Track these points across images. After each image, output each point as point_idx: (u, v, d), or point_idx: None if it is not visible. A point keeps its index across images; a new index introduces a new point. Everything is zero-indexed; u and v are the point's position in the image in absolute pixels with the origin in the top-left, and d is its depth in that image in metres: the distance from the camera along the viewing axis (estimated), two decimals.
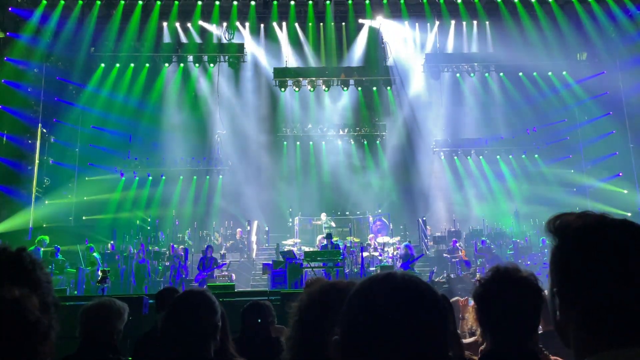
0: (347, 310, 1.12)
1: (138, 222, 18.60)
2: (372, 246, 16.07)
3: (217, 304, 2.39)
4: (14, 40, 17.35)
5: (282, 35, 20.70)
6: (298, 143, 21.40)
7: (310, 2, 19.78)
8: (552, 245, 1.20)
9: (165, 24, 19.92)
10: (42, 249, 13.43)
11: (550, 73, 20.26)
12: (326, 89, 20.16)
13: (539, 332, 2.01)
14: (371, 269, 14.44)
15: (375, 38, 20.65)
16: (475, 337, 3.37)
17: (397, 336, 1.03)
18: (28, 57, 17.56)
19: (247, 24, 20.28)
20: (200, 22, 19.96)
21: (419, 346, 1.03)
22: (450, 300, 3.52)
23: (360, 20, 20.44)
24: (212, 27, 19.98)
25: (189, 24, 19.92)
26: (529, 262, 14.90)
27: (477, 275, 10.92)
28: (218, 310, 2.37)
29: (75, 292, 13.73)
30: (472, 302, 3.62)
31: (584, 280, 1.10)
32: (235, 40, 19.97)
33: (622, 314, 1.06)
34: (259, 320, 4.33)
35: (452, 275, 11.87)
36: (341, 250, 14.38)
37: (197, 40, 19.97)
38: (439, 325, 1.07)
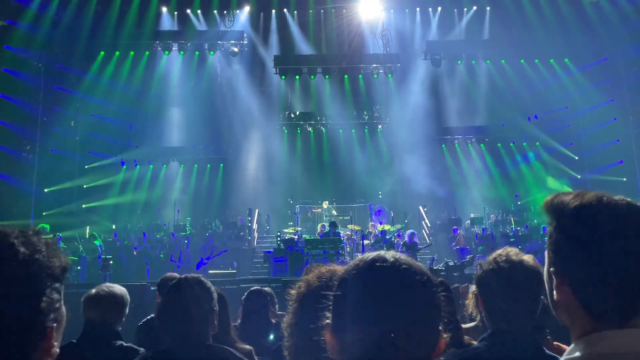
0: (337, 292, 1.11)
1: (139, 210, 18.65)
2: (373, 234, 16.08)
3: (212, 289, 2.40)
4: (13, 28, 17.23)
5: (283, 22, 20.55)
6: (299, 130, 21.36)
7: None
8: (549, 225, 1.18)
9: (165, 10, 19.78)
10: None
11: (552, 60, 20.15)
12: (327, 76, 20.07)
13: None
14: None
15: (377, 25, 20.47)
16: (475, 322, 3.40)
17: (387, 316, 1.01)
18: (28, 45, 17.44)
19: (247, 11, 20.13)
20: (200, 10, 19.83)
21: (410, 326, 1.01)
22: (451, 287, 3.55)
23: (362, 7, 20.26)
24: (212, 14, 19.84)
25: (188, 11, 19.79)
26: (529, 250, 14.92)
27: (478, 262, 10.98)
28: (214, 296, 2.39)
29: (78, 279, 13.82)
30: (471, 289, 3.65)
31: (581, 260, 1.08)
32: (235, 28, 19.85)
33: (620, 294, 1.05)
34: (260, 307, 4.37)
35: (450, 263, 11.87)
36: (342, 238, 14.39)
37: (197, 27, 19.84)
38: (430, 305, 1.05)
